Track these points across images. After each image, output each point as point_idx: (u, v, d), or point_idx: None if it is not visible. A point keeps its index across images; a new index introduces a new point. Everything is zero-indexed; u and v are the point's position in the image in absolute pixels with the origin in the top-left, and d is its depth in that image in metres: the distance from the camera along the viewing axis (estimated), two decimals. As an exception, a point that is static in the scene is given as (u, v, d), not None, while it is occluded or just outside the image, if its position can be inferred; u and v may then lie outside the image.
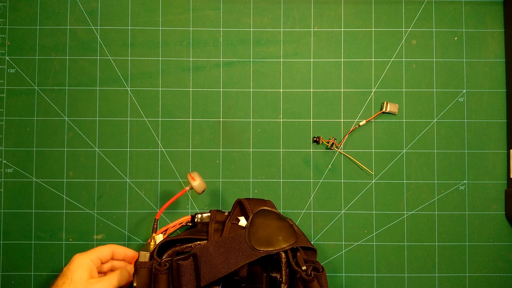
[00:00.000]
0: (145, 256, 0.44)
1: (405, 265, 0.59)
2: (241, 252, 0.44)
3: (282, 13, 0.61)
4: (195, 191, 0.49)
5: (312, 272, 0.43)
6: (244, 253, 0.44)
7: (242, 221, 0.49)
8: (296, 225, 0.49)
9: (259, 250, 0.44)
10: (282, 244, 0.45)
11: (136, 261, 0.43)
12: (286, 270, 0.45)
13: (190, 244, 0.47)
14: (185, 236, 0.48)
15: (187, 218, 0.55)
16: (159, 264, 0.43)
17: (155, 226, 0.48)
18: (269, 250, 0.44)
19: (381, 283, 0.59)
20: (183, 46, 0.60)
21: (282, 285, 0.45)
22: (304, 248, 0.47)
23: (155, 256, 0.44)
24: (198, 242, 0.47)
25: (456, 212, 0.59)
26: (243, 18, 0.61)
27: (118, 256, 0.49)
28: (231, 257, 0.44)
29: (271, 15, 0.61)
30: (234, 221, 0.49)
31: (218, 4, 0.61)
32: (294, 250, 0.46)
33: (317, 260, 0.47)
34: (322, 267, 0.44)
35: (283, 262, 0.45)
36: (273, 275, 0.48)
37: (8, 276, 0.58)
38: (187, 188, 0.49)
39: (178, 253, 0.47)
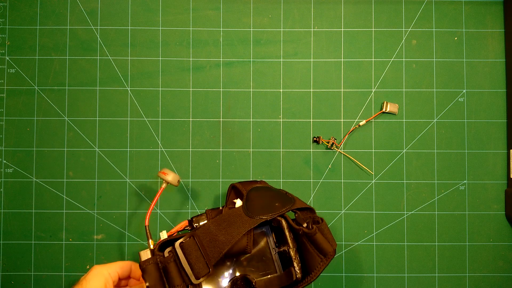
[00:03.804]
0: (146, 254, 0.44)
1: (405, 265, 0.59)
2: (241, 223, 0.44)
3: (282, 13, 0.61)
4: (172, 184, 0.49)
5: (313, 226, 0.43)
6: (244, 223, 0.44)
7: (238, 203, 0.48)
8: (290, 193, 0.49)
9: (259, 217, 0.44)
10: (280, 209, 0.45)
11: (140, 262, 0.43)
12: (290, 234, 0.45)
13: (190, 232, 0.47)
14: (185, 234, 0.48)
15: (184, 223, 0.54)
16: (163, 256, 0.43)
17: (147, 232, 0.48)
18: (269, 215, 0.44)
19: (381, 283, 0.59)
20: (183, 46, 0.60)
21: (290, 250, 0.45)
22: (301, 210, 0.47)
23: (157, 252, 0.44)
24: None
25: (456, 212, 0.59)
26: (243, 18, 0.61)
27: (135, 274, 0.48)
28: (232, 230, 0.44)
29: (271, 15, 0.61)
30: (230, 206, 0.49)
31: (218, 4, 0.61)
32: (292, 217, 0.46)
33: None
34: (321, 218, 0.44)
35: (285, 227, 0.45)
36: (281, 249, 0.48)
37: (8, 276, 0.58)
38: (164, 185, 0.49)
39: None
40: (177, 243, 0.43)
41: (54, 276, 0.58)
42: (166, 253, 0.43)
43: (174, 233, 0.54)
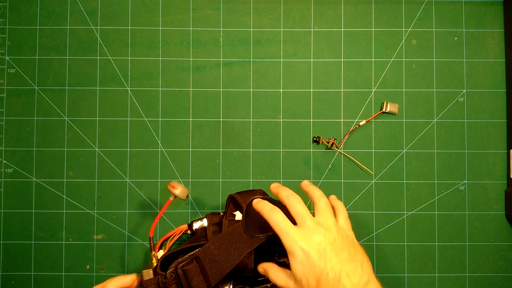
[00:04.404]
0: (149, 274, 0.44)
1: (405, 265, 0.59)
2: (242, 243, 0.44)
3: (282, 13, 0.61)
4: (180, 198, 0.50)
5: None
6: (244, 243, 0.44)
7: (238, 215, 0.49)
8: None
9: (259, 236, 0.44)
10: None
11: (142, 281, 0.43)
12: None
13: (192, 253, 0.47)
14: (185, 246, 0.48)
15: (184, 227, 0.54)
16: (165, 277, 0.43)
17: (151, 244, 0.48)
18: (268, 234, 0.44)
19: (381, 283, 0.59)
20: (183, 46, 0.60)
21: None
22: None
23: (159, 271, 0.44)
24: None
25: (456, 212, 0.59)
26: (243, 18, 0.60)
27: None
28: (232, 251, 0.43)
29: (271, 15, 0.60)
30: (230, 218, 0.49)
31: (218, 4, 0.60)
32: None
33: None
34: None
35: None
36: (281, 260, 0.48)
37: (8, 276, 0.58)
38: (171, 198, 0.50)
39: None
40: (179, 268, 0.43)
41: (54, 276, 0.58)
42: (168, 275, 0.43)
43: (173, 235, 0.54)
